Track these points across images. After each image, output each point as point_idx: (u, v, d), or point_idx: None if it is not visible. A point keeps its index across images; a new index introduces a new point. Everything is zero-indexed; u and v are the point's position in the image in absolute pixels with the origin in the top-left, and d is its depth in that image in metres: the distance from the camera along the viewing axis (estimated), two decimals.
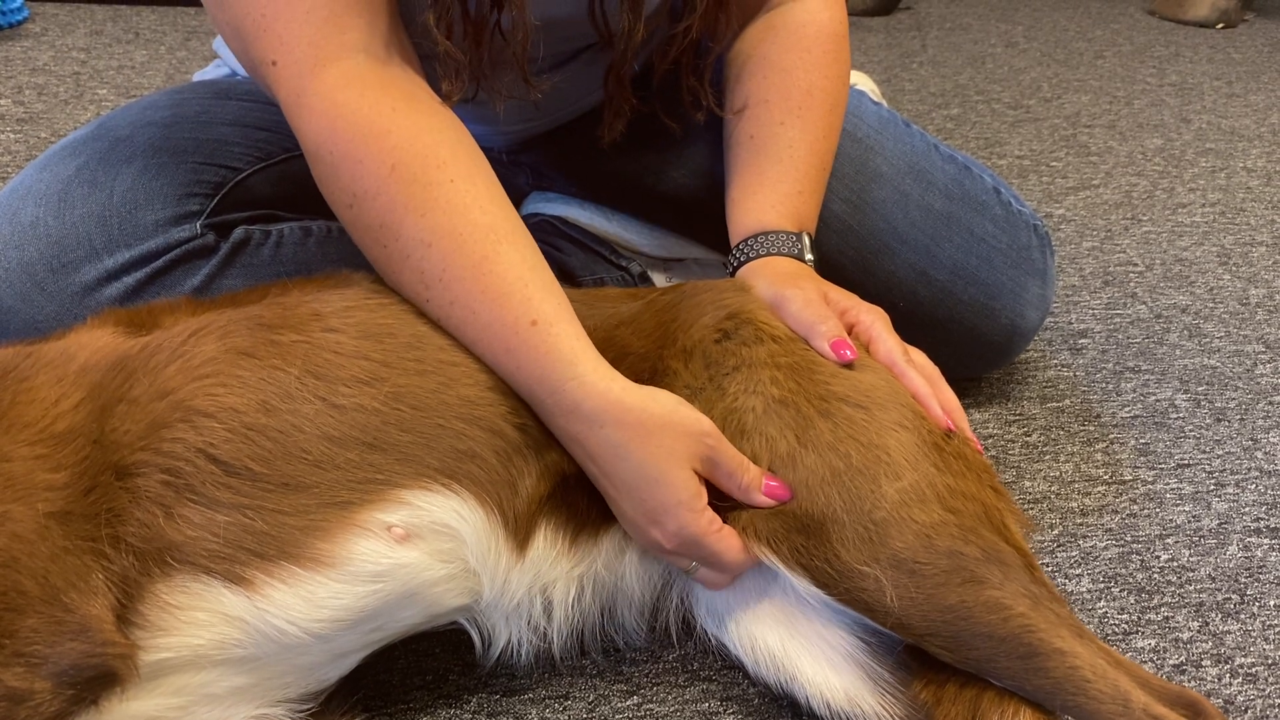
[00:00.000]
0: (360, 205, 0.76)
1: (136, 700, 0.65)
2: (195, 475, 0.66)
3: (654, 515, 0.74)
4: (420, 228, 0.74)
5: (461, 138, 0.79)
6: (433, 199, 0.74)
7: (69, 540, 0.62)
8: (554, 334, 0.74)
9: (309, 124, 0.76)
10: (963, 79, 2.30)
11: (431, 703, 0.82)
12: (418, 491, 0.70)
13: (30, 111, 1.80)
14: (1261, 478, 1.09)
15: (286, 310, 0.74)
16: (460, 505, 0.72)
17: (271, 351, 0.71)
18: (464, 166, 0.77)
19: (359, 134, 0.75)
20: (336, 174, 0.76)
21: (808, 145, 0.97)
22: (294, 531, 0.67)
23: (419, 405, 0.72)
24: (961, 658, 0.71)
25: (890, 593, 0.71)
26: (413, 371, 0.73)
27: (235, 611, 0.66)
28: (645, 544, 0.77)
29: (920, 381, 0.82)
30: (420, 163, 0.75)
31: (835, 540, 0.72)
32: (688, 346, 0.82)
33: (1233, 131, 2.04)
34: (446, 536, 0.72)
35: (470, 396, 0.74)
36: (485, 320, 0.74)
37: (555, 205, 1.27)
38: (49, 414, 0.65)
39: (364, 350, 0.73)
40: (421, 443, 0.71)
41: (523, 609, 0.78)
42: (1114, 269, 1.50)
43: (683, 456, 0.73)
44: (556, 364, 0.73)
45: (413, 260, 0.75)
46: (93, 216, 0.90)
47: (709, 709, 0.82)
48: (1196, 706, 0.70)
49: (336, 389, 0.70)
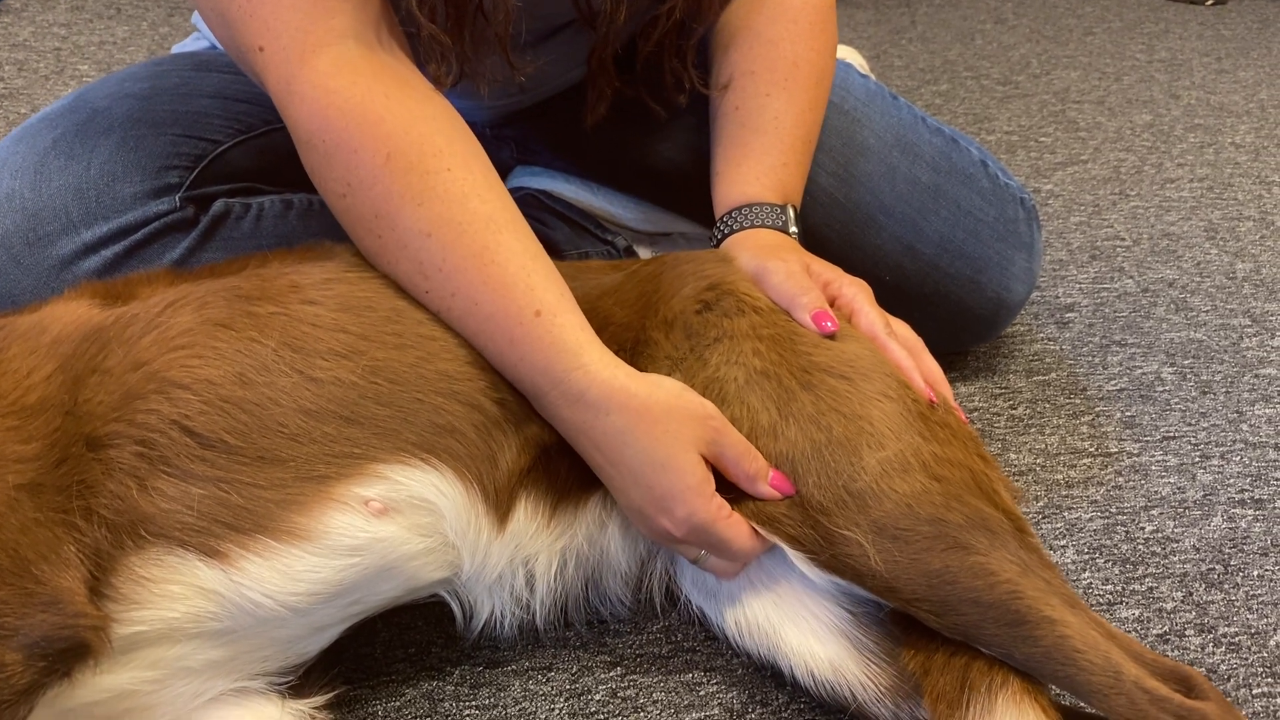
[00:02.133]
0: (355, 195, 0.75)
1: (111, 673, 0.64)
2: (170, 447, 0.65)
3: (662, 502, 0.73)
4: (418, 217, 0.73)
5: (456, 124, 0.78)
6: (430, 188, 0.74)
7: (40, 512, 0.61)
8: (559, 324, 0.73)
9: (300, 112, 0.75)
10: (952, 55, 2.29)
11: (414, 675, 0.82)
12: (395, 466, 0.70)
13: (10, 87, 1.78)
14: (1246, 450, 1.10)
15: (265, 282, 0.73)
16: (439, 480, 0.71)
17: (248, 323, 0.70)
18: (460, 154, 0.76)
19: (352, 122, 0.74)
20: (330, 163, 0.75)
21: (794, 117, 0.97)
22: (269, 505, 0.66)
23: (397, 379, 0.72)
24: (949, 623, 0.71)
25: (874, 557, 0.71)
26: (391, 345, 0.73)
27: (210, 585, 0.65)
28: (653, 534, 0.77)
29: (902, 353, 0.82)
30: (416, 151, 0.74)
31: (813, 511, 0.72)
32: (669, 317, 0.82)
33: (1221, 107, 2.03)
34: (425, 511, 0.71)
35: (449, 371, 0.74)
36: (488, 311, 0.73)
37: (540, 179, 1.26)
38: (20, 385, 0.65)
39: (342, 323, 0.72)
40: (399, 417, 0.71)
41: (505, 581, 0.77)
42: (1101, 243, 1.50)
43: (689, 441, 0.73)
44: (562, 354, 0.73)
45: (410, 250, 0.74)
46: (70, 189, 0.89)
47: (693, 680, 0.82)
48: (1190, 681, 0.70)
49: (314, 362, 0.70)
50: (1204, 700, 0.68)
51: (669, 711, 0.80)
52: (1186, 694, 0.69)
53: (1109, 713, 0.67)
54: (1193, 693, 0.69)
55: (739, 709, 0.80)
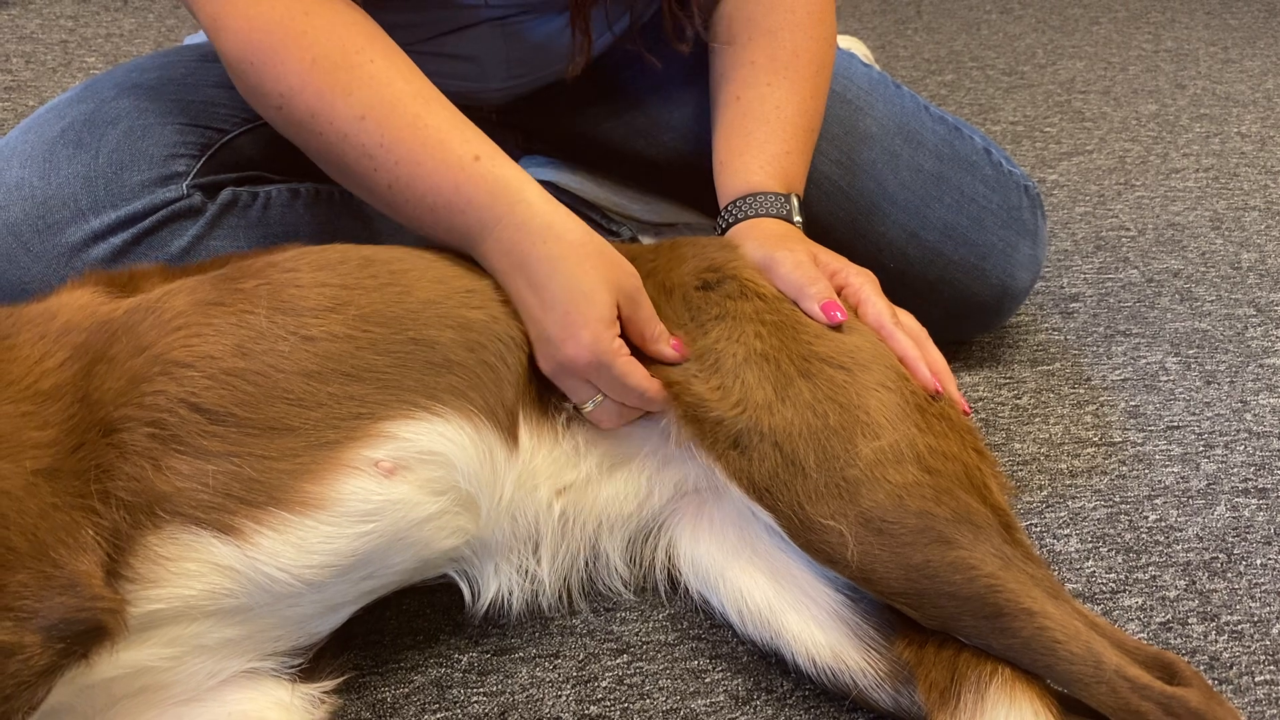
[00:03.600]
0: (289, 102, 0.80)
1: (130, 650, 0.65)
2: (180, 426, 0.66)
3: (573, 329, 0.77)
4: (351, 104, 0.79)
5: (376, 29, 0.83)
6: (356, 79, 0.80)
7: (57, 497, 0.62)
8: (498, 163, 0.80)
9: (229, 41, 0.81)
10: (957, 45, 2.28)
11: (422, 661, 0.83)
12: (401, 422, 0.71)
13: (18, 80, 1.78)
14: (1250, 439, 1.10)
15: (244, 265, 0.76)
16: (445, 427, 0.73)
17: (238, 298, 0.72)
18: (381, 49, 0.82)
19: (276, 39, 0.80)
20: (261, 79, 0.81)
21: (795, 106, 0.97)
22: (282, 476, 0.67)
23: (386, 321, 0.74)
24: (927, 615, 0.71)
25: (853, 548, 0.71)
26: (371, 288, 0.75)
27: (226, 561, 0.66)
28: (557, 365, 0.79)
29: (908, 343, 0.82)
30: (339, 50, 0.80)
31: (801, 493, 0.73)
32: (668, 285, 0.83)
33: (1227, 97, 2.03)
34: (435, 464, 0.72)
35: (429, 297, 0.77)
36: (431, 166, 0.79)
37: (546, 170, 1.26)
38: (33, 371, 0.65)
39: (321, 279, 0.74)
40: (397, 364, 0.72)
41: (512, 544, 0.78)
42: (1106, 234, 1.50)
43: (612, 284, 0.78)
44: (507, 189, 0.79)
45: (352, 137, 0.80)
46: (78, 177, 0.90)
47: (698, 667, 0.83)
48: (1173, 668, 0.70)
49: (305, 321, 0.71)
50: (1186, 686, 0.68)
51: (675, 697, 0.80)
52: (1169, 681, 0.69)
53: (1092, 701, 0.68)
54: (1175, 679, 0.69)
55: (744, 695, 0.81)
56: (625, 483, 0.83)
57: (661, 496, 0.84)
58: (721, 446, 0.76)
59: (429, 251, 0.83)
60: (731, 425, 0.75)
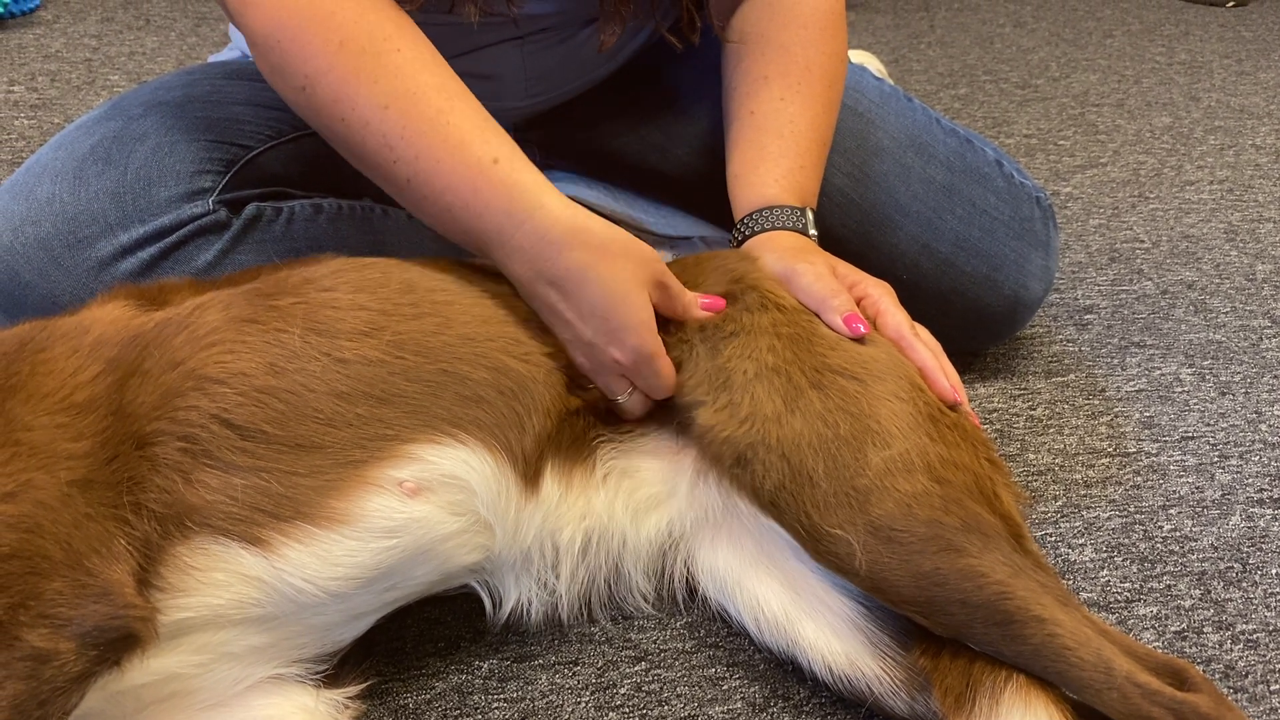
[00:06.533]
0: (314, 84, 0.80)
1: (160, 657, 0.67)
2: (211, 440, 0.67)
3: (615, 333, 0.78)
4: (375, 93, 0.79)
5: (405, 19, 0.83)
6: (383, 67, 0.79)
7: (91, 507, 0.64)
8: (517, 168, 0.79)
9: (256, 20, 0.80)
10: (971, 59, 2.29)
11: (443, 668, 0.84)
12: (426, 445, 0.72)
13: (44, 98, 1.81)
14: (1265, 450, 1.10)
15: (280, 280, 0.77)
16: (469, 455, 0.74)
17: (272, 316, 0.73)
18: (409, 38, 0.81)
19: (304, 19, 0.79)
20: (287, 59, 0.80)
21: (808, 121, 0.98)
22: (308, 491, 0.68)
23: (421, 350, 0.74)
24: (938, 623, 0.72)
25: (861, 557, 0.72)
26: (410, 316, 0.76)
27: (253, 571, 0.67)
28: (598, 366, 0.80)
29: (927, 355, 0.83)
30: (367, 36, 0.79)
31: (809, 502, 0.74)
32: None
33: (1242, 109, 2.03)
34: (456, 488, 0.73)
35: (470, 334, 0.77)
36: (450, 166, 0.79)
37: (563, 184, 1.28)
38: (68, 384, 0.67)
39: (360, 302, 0.75)
40: (428, 392, 0.73)
41: (533, 560, 0.79)
42: (1120, 245, 1.51)
43: (643, 280, 0.79)
44: (524, 194, 0.78)
45: (373, 126, 0.79)
46: (107, 193, 0.92)
47: (715, 674, 0.84)
48: (1183, 674, 0.71)
49: (339, 343, 0.72)
50: (1196, 693, 0.69)
51: (692, 705, 0.81)
52: (1179, 687, 0.69)
53: (1103, 707, 0.68)
54: (1185, 685, 0.70)
55: (761, 703, 0.82)
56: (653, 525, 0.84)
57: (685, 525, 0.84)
58: (727, 462, 0.77)
59: (477, 285, 0.82)
60: (739, 441, 0.76)
